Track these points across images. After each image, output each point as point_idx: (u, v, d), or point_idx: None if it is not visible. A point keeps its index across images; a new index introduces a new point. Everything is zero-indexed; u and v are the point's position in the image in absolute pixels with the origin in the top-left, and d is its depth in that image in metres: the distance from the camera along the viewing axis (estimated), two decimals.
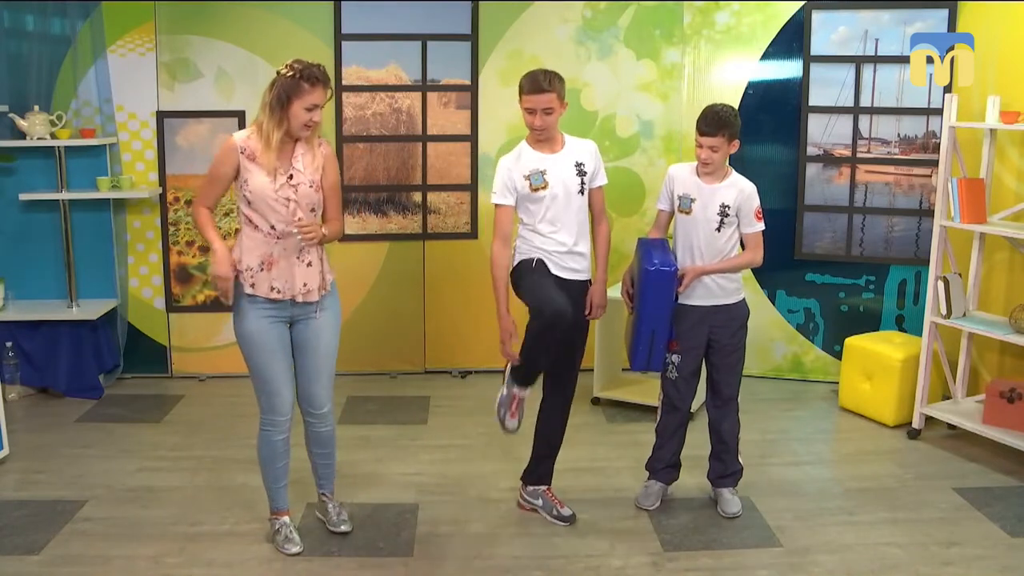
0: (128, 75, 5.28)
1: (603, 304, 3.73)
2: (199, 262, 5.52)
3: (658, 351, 3.71)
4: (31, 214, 5.29)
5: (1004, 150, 4.71)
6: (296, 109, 3.21)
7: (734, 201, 3.65)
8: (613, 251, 5.59)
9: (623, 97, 5.57)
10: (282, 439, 3.46)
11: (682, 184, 3.74)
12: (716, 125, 3.56)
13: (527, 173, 3.55)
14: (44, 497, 3.96)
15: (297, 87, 3.19)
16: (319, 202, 3.36)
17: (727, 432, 3.85)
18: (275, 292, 3.30)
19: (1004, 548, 3.58)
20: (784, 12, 5.36)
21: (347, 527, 3.64)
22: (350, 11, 5.37)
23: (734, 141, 3.61)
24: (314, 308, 3.39)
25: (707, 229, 3.68)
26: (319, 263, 3.38)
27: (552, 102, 3.48)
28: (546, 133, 3.54)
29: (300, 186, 3.29)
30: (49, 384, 5.30)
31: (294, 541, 3.52)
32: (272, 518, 3.60)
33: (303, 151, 3.32)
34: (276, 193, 3.26)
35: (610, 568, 3.43)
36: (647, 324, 3.67)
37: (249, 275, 3.30)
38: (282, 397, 3.39)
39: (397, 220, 5.58)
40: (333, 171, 3.43)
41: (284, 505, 3.59)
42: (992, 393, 4.45)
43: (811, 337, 5.61)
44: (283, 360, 3.39)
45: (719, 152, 3.59)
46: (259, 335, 3.33)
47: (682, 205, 3.72)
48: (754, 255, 3.73)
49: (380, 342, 5.58)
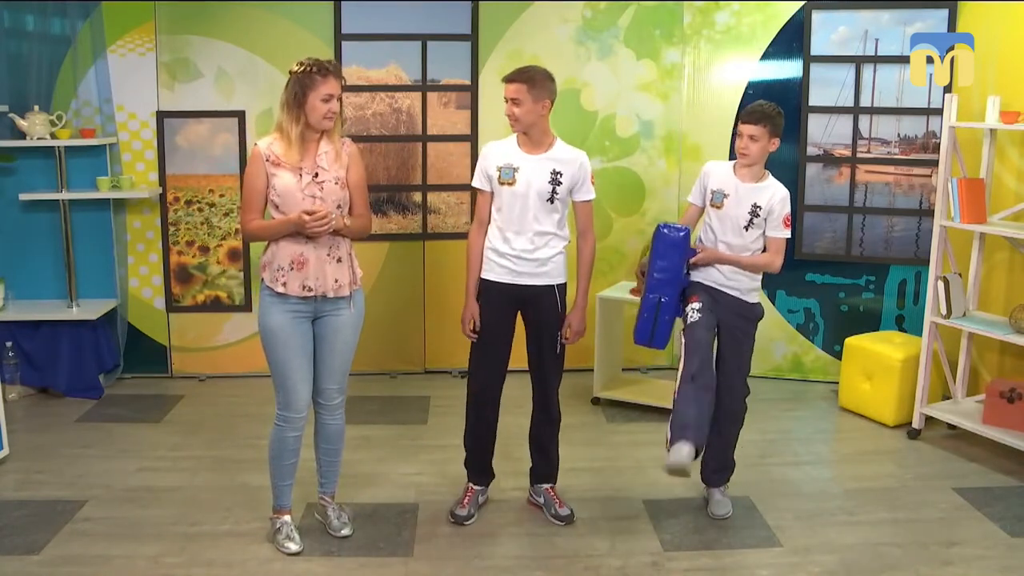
0: (128, 75, 5.28)
1: (580, 331, 3.68)
2: (199, 262, 5.52)
3: (663, 323, 3.65)
4: (31, 214, 5.29)
5: (1004, 150, 4.71)
6: (313, 102, 3.26)
7: (767, 203, 3.65)
8: (614, 251, 5.66)
9: (623, 97, 5.57)
10: (294, 436, 3.48)
11: (717, 179, 3.74)
12: (759, 115, 3.59)
13: (500, 165, 3.57)
14: (44, 497, 3.96)
15: (310, 80, 3.24)
16: (345, 199, 3.41)
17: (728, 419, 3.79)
18: (306, 290, 3.34)
19: (1004, 548, 3.58)
20: (784, 12, 5.36)
21: (348, 531, 3.64)
22: (350, 11, 5.37)
23: (775, 139, 3.62)
24: (344, 303, 3.45)
25: (735, 226, 3.67)
26: (348, 259, 3.45)
27: (518, 92, 3.47)
28: (519, 125, 3.54)
29: (326, 183, 3.34)
30: (49, 384, 5.29)
31: (294, 540, 3.52)
32: (274, 517, 3.60)
33: (327, 149, 3.38)
34: (303, 192, 3.31)
35: (610, 568, 3.43)
36: (654, 290, 3.64)
37: (281, 275, 3.34)
38: (298, 394, 3.42)
39: (397, 220, 5.58)
40: (358, 168, 3.47)
41: (287, 504, 3.60)
42: (992, 393, 4.45)
43: (811, 337, 5.61)
44: (303, 358, 3.41)
45: (758, 143, 3.60)
46: (282, 331, 3.36)
47: (715, 199, 3.72)
48: (773, 259, 3.72)
49: (380, 342, 5.58)
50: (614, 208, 5.65)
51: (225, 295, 5.56)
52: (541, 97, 3.49)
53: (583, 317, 3.68)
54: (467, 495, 3.83)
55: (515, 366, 3.77)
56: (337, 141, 3.41)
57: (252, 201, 3.37)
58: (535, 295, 3.62)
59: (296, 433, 3.48)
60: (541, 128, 3.56)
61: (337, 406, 3.58)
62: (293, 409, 3.43)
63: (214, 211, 5.47)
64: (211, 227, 5.48)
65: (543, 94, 3.50)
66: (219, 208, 5.47)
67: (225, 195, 5.45)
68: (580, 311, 3.67)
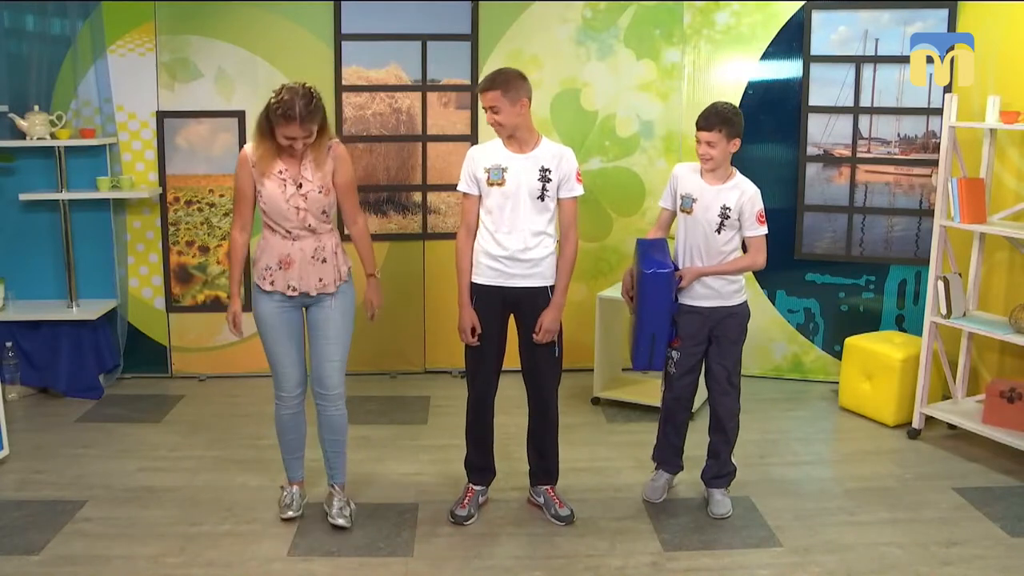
0: (128, 75, 5.28)
1: (552, 330, 3.61)
2: (199, 262, 5.52)
3: (659, 351, 3.73)
4: (31, 214, 5.29)
5: (1004, 150, 4.71)
6: (277, 134, 3.36)
7: (735, 203, 3.64)
8: (613, 251, 5.66)
9: (623, 97, 5.57)
10: (289, 414, 3.70)
11: (685, 183, 3.73)
12: (712, 120, 3.56)
13: (488, 166, 3.56)
14: (44, 497, 3.96)
15: (275, 117, 3.33)
16: (330, 205, 3.51)
17: (725, 416, 3.82)
18: (291, 289, 3.50)
19: (1004, 548, 3.58)
20: (784, 12, 5.36)
21: (343, 522, 3.66)
22: (350, 11, 5.36)
23: (734, 139, 3.59)
24: (328, 299, 3.56)
25: (707, 230, 3.67)
26: (333, 257, 3.55)
27: (495, 100, 3.45)
28: (505, 130, 3.53)
29: (309, 194, 3.45)
30: (49, 384, 5.29)
31: (292, 507, 3.70)
32: (284, 486, 3.82)
33: (312, 156, 3.45)
34: (287, 203, 3.43)
35: (610, 568, 3.43)
36: (647, 326, 3.67)
37: (268, 274, 3.50)
38: (287, 376, 3.62)
39: (397, 220, 5.58)
40: (345, 170, 3.54)
41: (294, 476, 3.80)
42: (992, 393, 4.45)
43: (811, 337, 5.61)
44: (289, 343, 3.60)
45: (716, 148, 3.58)
46: (271, 319, 3.56)
47: (684, 204, 3.72)
48: (755, 258, 3.72)
49: (380, 342, 5.58)
50: (614, 208, 5.65)
51: (225, 295, 5.55)
52: (517, 98, 3.47)
53: (557, 316, 3.63)
54: (467, 495, 3.83)
55: (516, 366, 3.76)
56: (323, 146, 3.45)
57: (239, 205, 3.56)
58: (529, 296, 3.61)
59: (290, 411, 3.68)
60: (526, 127, 3.56)
61: (336, 397, 3.65)
62: (283, 388, 3.65)
63: (214, 211, 5.47)
64: (211, 227, 5.49)
65: (518, 95, 3.48)
66: (219, 208, 5.47)
67: (225, 195, 5.44)
68: (555, 310, 3.61)
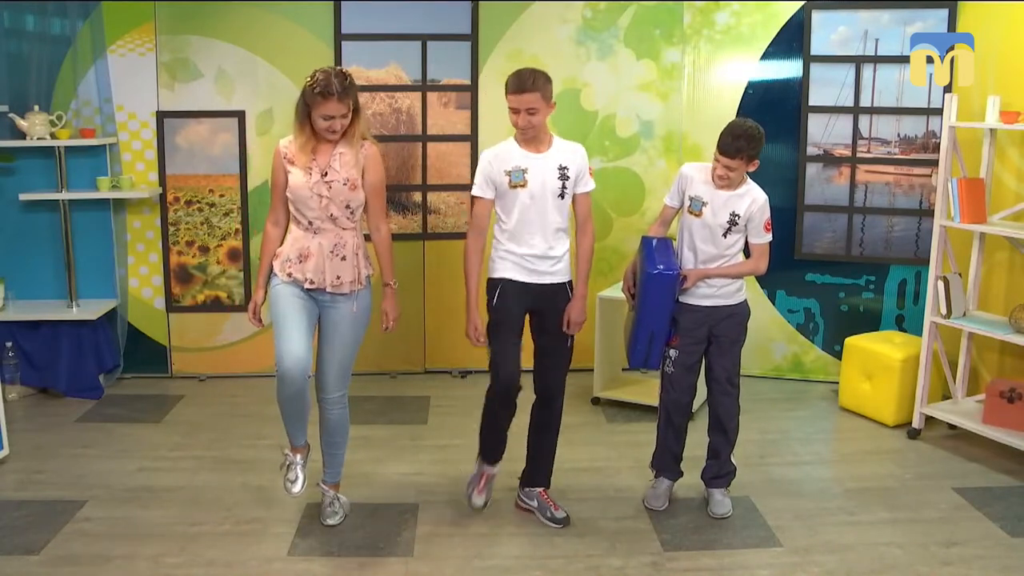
0: (128, 75, 5.28)
1: (580, 321, 3.66)
2: (199, 262, 5.52)
3: (656, 349, 3.74)
4: (31, 214, 5.29)
5: (1004, 150, 4.71)
6: (315, 117, 3.37)
7: (745, 211, 3.65)
8: (613, 251, 5.66)
9: (623, 97, 5.57)
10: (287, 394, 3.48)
11: (696, 186, 3.71)
12: (736, 149, 3.52)
13: (508, 169, 3.55)
14: (44, 497, 3.96)
15: (312, 98, 3.34)
16: (355, 200, 3.49)
17: (725, 416, 3.82)
18: (308, 282, 3.48)
19: (1004, 548, 3.58)
20: (784, 12, 5.36)
21: (332, 520, 3.69)
22: (350, 11, 5.37)
23: (754, 161, 3.59)
24: (342, 299, 3.54)
25: (714, 233, 3.68)
26: (354, 257, 3.53)
27: (536, 102, 3.45)
28: (531, 132, 3.53)
29: (334, 183, 3.44)
30: (49, 384, 5.29)
31: (296, 483, 3.66)
32: (287, 452, 3.73)
33: (343, 150, 3.47)
34: (310, 190, 3.42)
35: (610, 568, 3.43)
36: (647, 324, 3.68)
37: (288, 266, 3.50)
38: (287, 352, 3.44)
39: (397, 220, 5.58)
40: (374, 171, 3.54)
41: (297, 443, 3.70)
42: (992, 393, 4.45)
43: (811, 337, 5.61)
44: (294, 322, 3.47)
45: (735, 172, 3.59)
46: (282, 297, 3.51)
47: (692, 207, 3.71)
48: (758, 264, 3.74)
49: (380, 342, 5.56)
50: (614, 208, 5.65)
51: (225, 295, 5.56)
52: (550, 100, 3.53)
53: (583, 308, 3.69)
54: (483, 480, 3.81)
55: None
56: (356, 143, 3.48)
57: (272, 197, 3.57)
58: (552, 292, 3.63)
59: (288, 390, 3.46)
60: (544, 128, 3.58)
61: (336, 400, 3.64)
62: (281, 364, 3.44)
63: (214, 211, 5.47)
64: (211, 227, 5.49)
65: (551, 97, 3.53)
66: (219, 208, 5.47)
67: (225, 195, 5.45)
68: (580, 301, 3.67)
